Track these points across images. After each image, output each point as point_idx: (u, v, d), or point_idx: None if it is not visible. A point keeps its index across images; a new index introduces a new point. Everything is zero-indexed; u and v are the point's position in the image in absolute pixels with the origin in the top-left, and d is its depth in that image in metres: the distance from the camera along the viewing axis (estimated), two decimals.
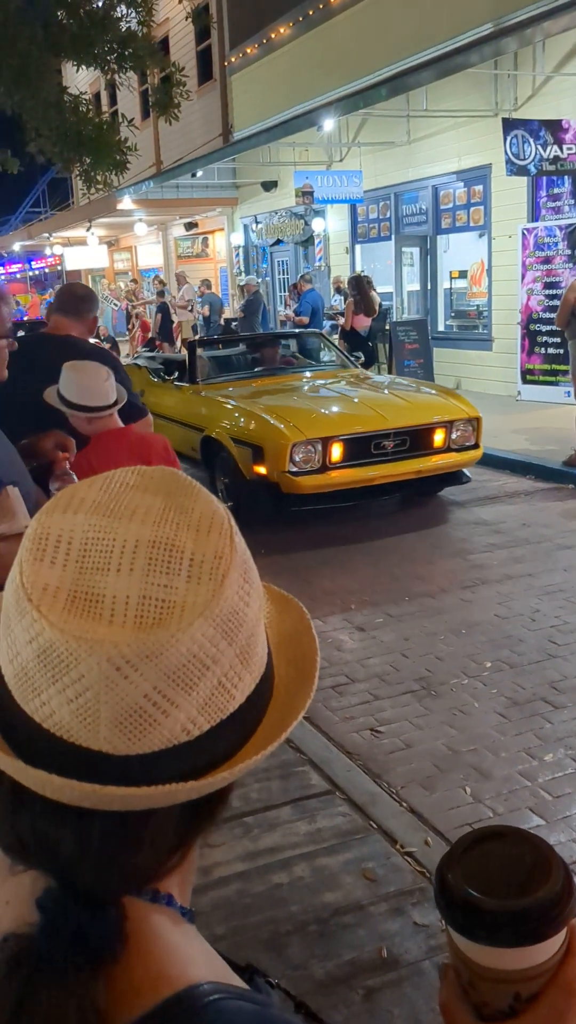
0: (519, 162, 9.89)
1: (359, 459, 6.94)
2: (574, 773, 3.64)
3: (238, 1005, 0.62)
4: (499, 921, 0.65)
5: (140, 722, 0.60)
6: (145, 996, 0.60)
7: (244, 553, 0.67)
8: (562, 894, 0.66)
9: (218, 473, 7.65)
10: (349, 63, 14.26)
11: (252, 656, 0.66)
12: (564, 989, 0.68)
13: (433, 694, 4.40)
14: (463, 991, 0.70)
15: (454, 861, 0.70)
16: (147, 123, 21.32)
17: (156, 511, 0.66)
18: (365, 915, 2.85)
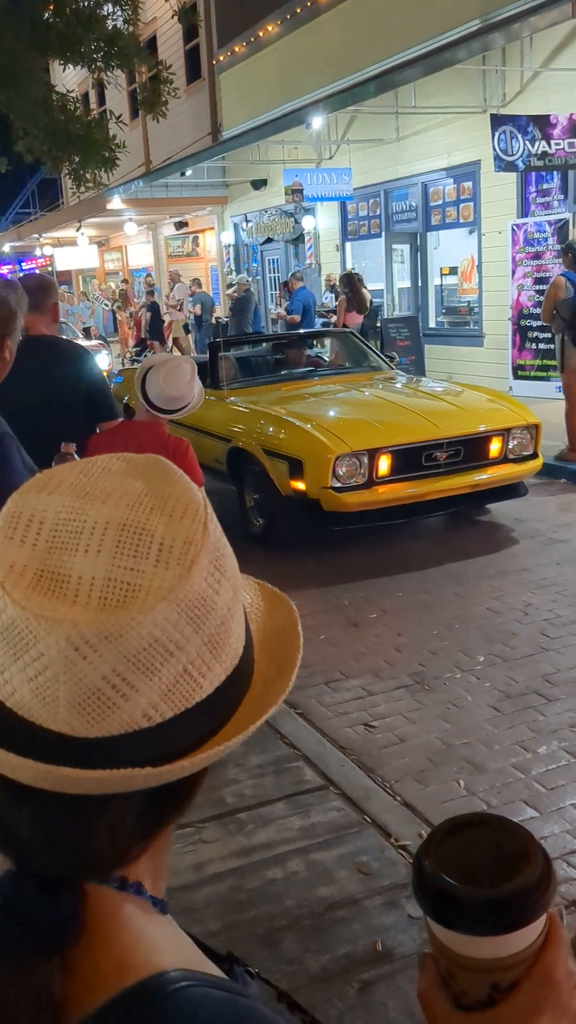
0: (507, 158, 9.89)
1: (409, 472, 6.27)
2: (567, 765, 3.65)
3: (206, 992, 0.61)
4: (476, 909, 0.64)
5: (99, 704, 0.59)
6: (110, 984, 0.60)
7: (218, 541, 0.66)
8: (540, 882, 0.65)
9: (247, 488, 7.01)
10: (337, 60, 14.26)
11: (223, 647, 0.64)
12: (543, 978, 0.67)
13: (426, 688, 4.40)
14: (442, 981, 0.69)
15: (431, 849, 0.69)
16: (136, 122, 21.29)
17: (131, 495, 0.65)
18: (359, 909, 2.84)
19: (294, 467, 6.22)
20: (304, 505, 6.22)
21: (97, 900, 0.64)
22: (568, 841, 3.17)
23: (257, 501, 6.88)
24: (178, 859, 3.11)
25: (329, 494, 6.04)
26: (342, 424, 6.41)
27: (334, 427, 6.31)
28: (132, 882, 0.66)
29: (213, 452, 7.26)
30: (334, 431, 6.23)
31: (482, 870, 0.66)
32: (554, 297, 8.29)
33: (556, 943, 0.68)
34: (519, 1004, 0.66)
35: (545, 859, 0.67)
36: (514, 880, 0.65)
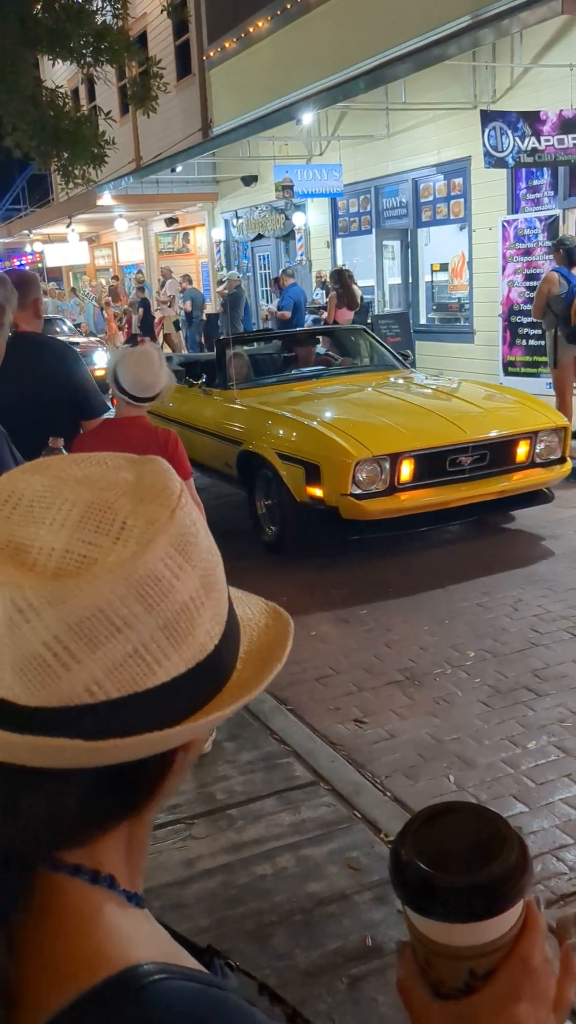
0: (497, 154, 9.89)
1: (432, 478, 5.97)
2: (557, 760, 3.66)
3: (182, 985, 0.60)
4: (452, 896, 0.65)
5: (40, 672, 0.59)
6: (82, 978, 0.59)
7: (187, 528, 0.65)
8: (516, 868, 0.65)
9: (259, 493, 6.68)
10: (327, 56, 14.23)
11: (184, 638, 0.63)
12: (519, 964, 0.67)
13: (417, 684, 4.40)
14: (420, 969, 0.69)
15: (408, 838, 0.69)
16: (126, 118, 21.22)
17: (109, 480, 0.66)
18: (349, 904, 2.85)
19: (311, 472, 5.92)
20: (321, 513, 5.95)
21: (68, 892, 0.63)
22: (557, 836, 3.18)
23: (269, 507, 6.58)
24: (168, 855, 3.11)
25: (348, 501, 5.73)
26: (362, 427, 6.05)
27: (354, 430, 5.96)
28: (104, 875, 0.65)
29: (222, 456, 6.96)
30: (354, 434, 5.88)
31: (458, 858, 0.66)
32: (547, 293, 8.30)
33: (533, 930, 0.68)
34: (497, 991, 0.67)
35: (521, 846, 0.67)
36: (490, 867, 0.65)
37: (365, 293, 13.39)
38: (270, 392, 7.22)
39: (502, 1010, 0.66)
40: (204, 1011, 0.59)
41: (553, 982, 0.69)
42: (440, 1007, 0.68)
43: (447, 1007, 0.68)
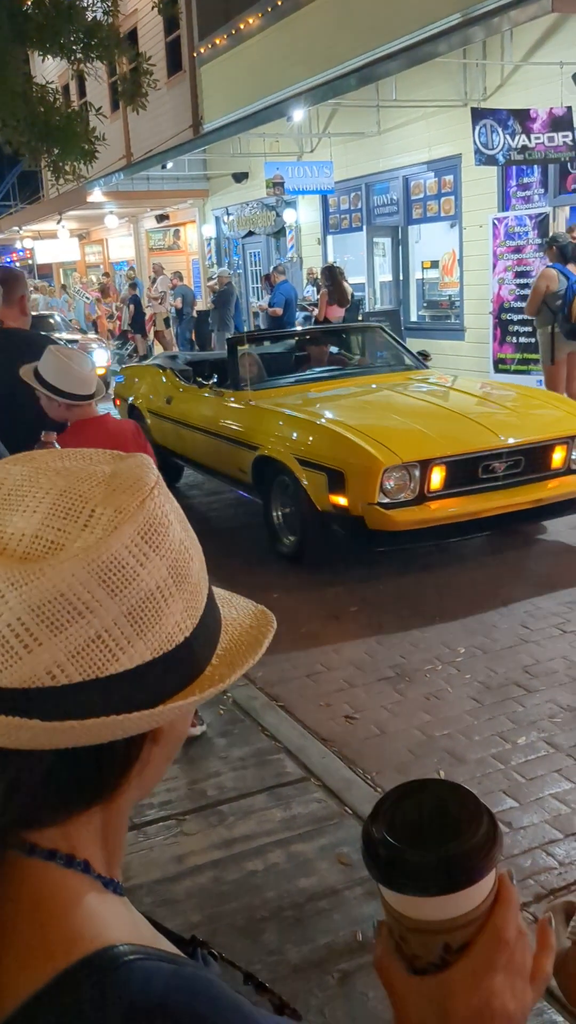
0: (488, 152, 9.91)
1: (464, 486, 5.57)
2: (546, 756, 3.67)
3: (156, 965, 0.61)
4: (423, 870, 0.65)
5: (3, 653, 0.60)
6: (57, 958, 0.60)
7: (157, 518, 0.66)
8: (485, 842, 0.66)
9: (276, 501, 6.31)
10: (318, 53, 14.23)
11: (150, 627, 0.64)
12: (493, 937, 0.67)
13: (407, 680, 4.42)
14: (396, 946, 0.70)
15: (379, 815, 0.70)
16: (116, 115, 21.18)
17: (87, 472, 0.68)
18: (340, 900, 2.86)
19: (334, 480, 5.52)
20: (345, 523, 5.57)
21: (42, 876, 0.64)
22: (547, 831, 3.19)
23: (287, 516, 6.23)
24: (159, 851, 3.11)
25: (375, 511, 5.34)
26: (389, 431, 5.64)
27: (381, 435, 5.55)
28: (79, 860, 0.66)
29: (235, 461, 6.61)
30: (381, 439, 5.47)
31: (429, 833, 0.67)
32: (544, 289, 8.30)
33: (506, 903, 0.69)
34: (471, 964, 0.67)
35: (491, 820, 0.68)
36: (459, 840, 0.66)
37: (356, 290, 13.40)
38: (286, 393, 6.84)
39: (478, 982, 0.67)
40: (177, 988, 0.60)
41: (529, 954, 0.70)
42: (417, 982, 0.69)
43: (424, 982, 0.68)
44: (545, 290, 8.29)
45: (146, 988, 0.59)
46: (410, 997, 0.69)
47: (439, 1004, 0.68)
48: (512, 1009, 0.68)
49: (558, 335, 8.31)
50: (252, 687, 4.36)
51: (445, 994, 0.67)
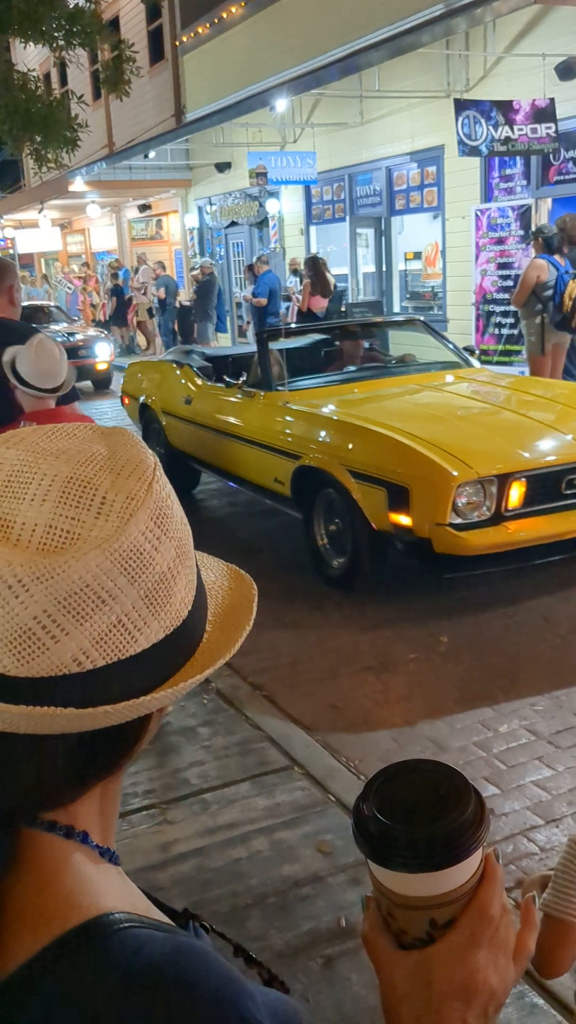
0: (471, 143, 9.91)
1: (545, 503, 4.87)
2: (527, 743, 3.71)
3: (150, 933, 0.64)
4: (412, 847, 0.67)
5: (30, 644, 0.61)
6: (55, 925, 0.62)
7: (163, 501, 0.68)
8: (473, 820, 0.68)
9: (320, 517, 5.56)
10: (301, 43, 14.18)
11: (163, 606, 0.66)
12: (478, 915, 0.69)
13: (391, 670, 4.44)
14: (383, 922, 0.72)
15: (370, 794, 0.71)
16: (98, 103, 21.05)
17: (85, 454, 0.68)
18: (323, 886, 2.88)
19: (396, 496, 4.80)
20: (408, 545, 4.88)
21: (44, 847, 0.67)
22: (528, 817, 3.22)
23: (335, 535, 5.48)
24: (143, 839, 3.12)
25: (445, 532, 4.64)
26: (460, 441, 4.94)
27: (451, 445, 4.85)
28: (79, 831, 0.68)
29: (270, 470, 5.90)
30: (453, 450, 4.78)
31: (418, 811, 0.69)
32: (535, 280, 8.32)
33: (492, 881, 0.70)
34: (457, 940, 0.69)
35: (478, 800, 0.70)
36: (447, 819, 0.68)
37: (339, 281, 13.40)
38: (327, 394, 6.08)
39: (462, 957, 0.69)
40: (170, 955, 0.62)
41: (513, 932, 0.72)
42: (403, 957, 0.70)
43: (410, 957, 0.70)
44: (536, 280, 8.31)
45: (140, 954, 0.61)
46: (396, 971, 0.71)
47: (424, 978, 0.69)
48: (495, 984, 0.69)
49: (548, 325, 8.34)
50: (236, 676, 4.37)
51: (430, 968, 0.69)
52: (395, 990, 0.71)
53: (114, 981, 0.60)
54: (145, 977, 0.60)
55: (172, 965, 0.61)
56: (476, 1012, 0.69)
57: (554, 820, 3.21)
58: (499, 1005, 0.70)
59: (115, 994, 0.59)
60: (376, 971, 0.73)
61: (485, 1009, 0.69)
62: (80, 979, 0.60)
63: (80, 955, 0.61)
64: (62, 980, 0.60)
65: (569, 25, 9.13)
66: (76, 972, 0.60)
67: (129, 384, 8.69)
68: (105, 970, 0.60)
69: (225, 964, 0.64)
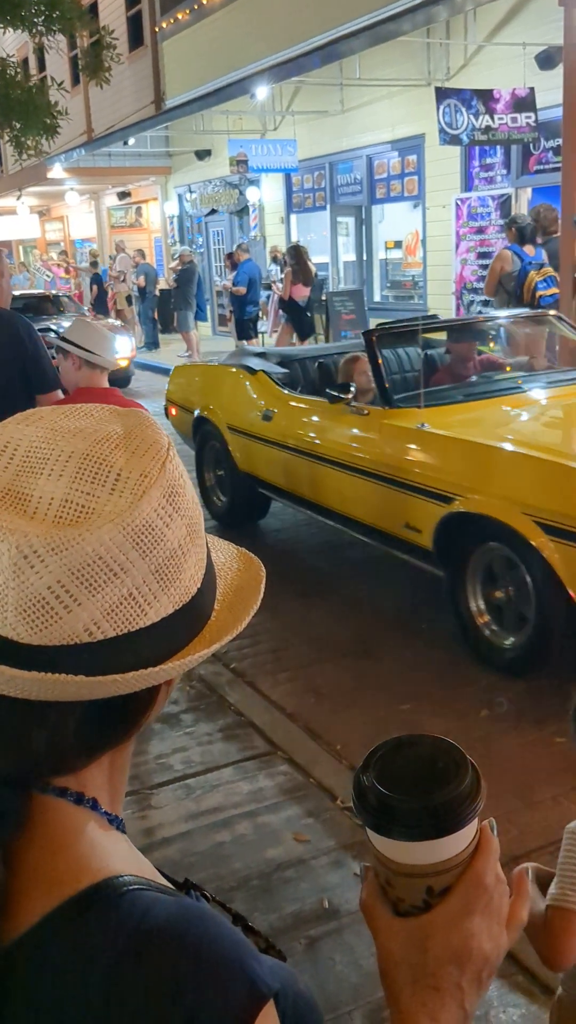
0: (452, 131, 9.92)
1: None
2: (507, 727, 3.75)
3: (156, 896, 0.66)
4: (410, 816, 0.70)
5: (43, 613, 0.64)
6: (67, 886, 0.65)
7: (176, 480, 0.70)
8: (470, 791, 0.71)
9: (476, 579, 4.27)
10: (282, 30, 14.13)
11: (172, 581, 0.68)
12: (473, 883, 0.72)
13: (372, 655, 4.47)
14: (381, 890, 0.75)
15: (369, 766, 0.74)
16: (77, 90, 20.89)
17: (102, 433, 0.70)
18: (306, 869, 2.91)
19: None
20: None
21: (56, 812, 0.69)
22: (508, 800, 3.27)
23: (502, 605, 4.19)
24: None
25: None
26: None
27: None
28: (89, 798, 0.71)
29: (400, 512, 4.57)
30: None
31: (417, 783, 0.71)
32: (499, 270, 8.37)
33: (486, 851, 0.73)
34: (452, 907, 0.72)
35: (475, 772, 0.73)
36: (445, 790, 0.70)
37: (320, 270, 13.40)
38: (471, 412, 4.76)
39: (457, 924, 0.72)
40: (177, 916, 0.65)
41: (506, 901, 0.75)
42: (400, 924, 0.73)
43: (406, 923, 0.73)
44: (500, 271, 8.36)
45: (149, 915, 0.64)
46: (393, 937, 0.74)
47: (420, 944, 0.72)
48: (488, 949, 0.72)
49: None
50: (218, 663, 4.39)
51: (426, 934, 0.72)
52: (392, 956, 0.73)
53: (123, 941, 0.62)
54: (154, 937, 0.62)
55: (180, 926, 0.64)
56: (470, 977, 0.72)
57: (535, 804, 3.25)
58: (492, 970, 0.73)
59: (124, 954, 0.62)
60: (374, 938, 0.75)
61: (479, 974, 0.72)
62: (90, 939, 0.62)
63: (90, 916, 0.63)
64: (73, 940, 0.63)
65: (549, 14, 9.13)
66: (86, 932, 0.63)
67: (177, 392, 7.19)
68: (115, 930, 0.63)
69: (230, 928, 0.67)
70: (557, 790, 3.31)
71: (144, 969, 0.61)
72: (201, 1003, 0.61)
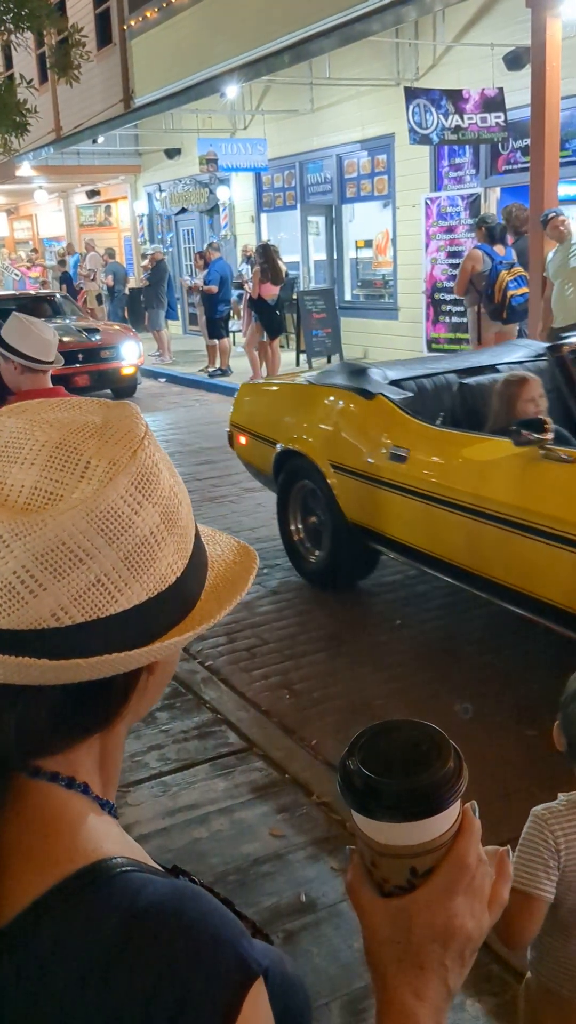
0: (421, 131, 9.98)
1: None
2: (475, 717, 3.79)
3: (148, 877, 0.68)
4: (394, 798, 0.72)
5: (10, 598, 0.65)
6: (60, 867, 0.66)
7: (149, 468, 0.71)
8: (452, 774, 0.73)
9: None
10: (251, 29, 14.13)
11: (145, 569, 0.69)
12: (456, 864, 0.74)
13: (345, 652, 4.50)
14: (366, 871, 0.77)
15: (355, 750, 0.76)
16: (45, 87, 20.76)
17: (79, 423, 0.72)
18: (283, 863, 2.93)
19: None
20: None
21: (48, 796, 0.70)
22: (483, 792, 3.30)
23: None
24: None
25: None
26: None
27: None
28: (79, 782, 0.72)
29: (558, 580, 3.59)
30: None
31: (401, 766, 0.73)
32: (470, 270, 8.44)
33: (469, 832, 0.75)
34: (435, 887, 0.74)
35: (457, 755, 0.75)
36: (428, 772, 0.73)
37: (290, 269, 13.41)
38: None
39: (440, 903, 0.74)
40: (170, 896, 0.66)
41: (488, 881, 0.77)
42: (384, 904, 0.75)
43: (391, 903, 0.75)
44: (471, 270, 8.43)
45: (141, 895, 0.65)
46: (378, 918, 0.76)
47: (405, 923, 0.74)
48: (471, 928, 0.75)
49: (484, 316, 8.46)
50: (193, 662, 4.40)
51: (410, 914, 0.74)
52: (377, 935, 0.75)
53: (116, 921, 0.63)
54: (146, 916, 0.64)
55: (172, 906, 0.65)
56: (453, 955, 0.74)
57: (505, 795, 3.29)
58: (475, 949, 0.75)
59: (117, 933, 0.63)
60: (359, 918, 0.77)
61: (462, 952, 0.74)
62: (83, 919, 0.64)
63: (83, 896, 0.65)
64: (65, 920, 0.64)
65: (517, 15, 9.22)
66: (79, 913, 0.64)
67: (248, 417, 5.80)
68: (108, 910, 0.64)
69: (223, 909, 0.68)
70: (530, 782, 3.36)
71: (137, 947, 0.63)
72: (193, 980, 0.62)
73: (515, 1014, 2.35)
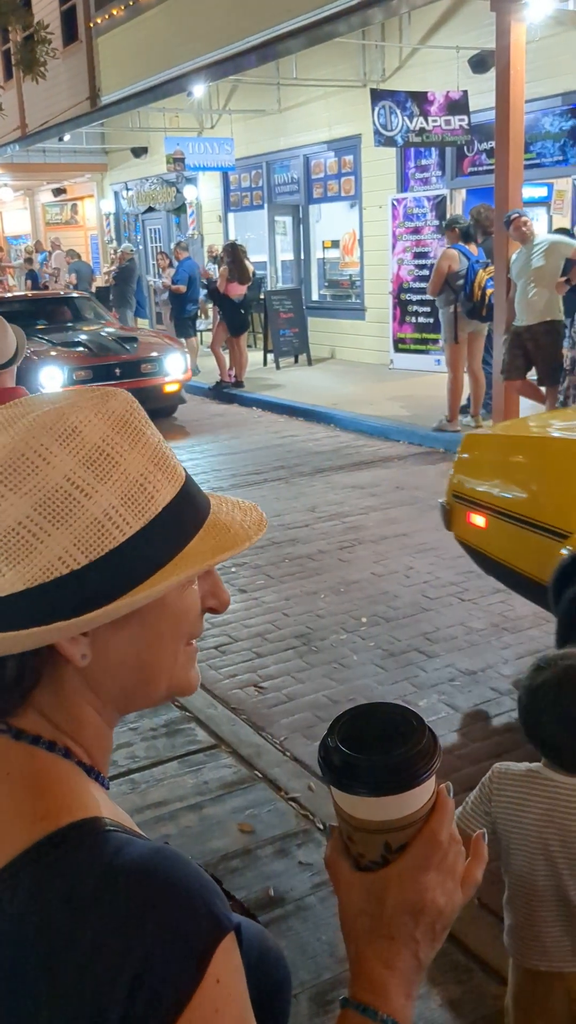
0: (387, 133, 10.04)
1: None
2: (446, 716, 3.83)
3: (130, 838, 0.71)
4: (371, 772, 0.75)
5: None
6: (48, 822, 0.69)
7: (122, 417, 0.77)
8: (426, 751, 0.76)
9: None
10: (219, 28, 14.12)
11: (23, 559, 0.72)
12: (428, 841, 0.77)
13: (313, 649, 4.53)
14: (344, 847, 0.80)
15: (334, 730, 0.79)
16: (10, 84, 20.63)
17: (71, 400, 0.78)
18: (252, 858, 2.95)
19: None
20: None
21: (36, 758, 0.74)
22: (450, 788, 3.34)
23: None
24: None
25: None
26: None
27: None
28: (60, 746, 0.76)
29: None
30: None
31: (378, 744, 0.76)
32: (446, 269, 8.49)
33: (442, 810, 0.79)
34: (409, 863, 0.77)
35: (431, 735, 0.78)
36: (402, 749, 0.76)
37: (258, 268, 13.41)
38: None
39: (413, 878, 0.77)
40: (150, 855, 0.69)
41: (461, 860, 0.80)
42: (360, 878, 0.79)
43: (366, 877, 0.79)
44: (447, 270, 8.49)
45: (123, 852, 0.68)
46: (354, 890, 0.79)
47: (378, 896, 0.77)
48: (442, 904, 0.78)
49: (461, 314, 8.53)
50: None
51: (384, 888, 0.77)
52: (352, 907, 0.79)
53: (97, 874, 0.66)
54: (127, 872, 0.67)
55: (151, 863, 0.68)
56: (424, 928, 0.77)
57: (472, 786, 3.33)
58: (446, 924, 0.79)
59: (97, 886, 0.66)
60: (335, 891, 0.81)
61: (432, 926, 0.78)
62: (65, 871, 0.67)
63: (67, 849, 0.68)
64: (48, 872, 0.67)
65: (482, 18, 9.30)
66: (61, 865, 0.67)
67: (489, 487, 3.85)
68: (89, 864, 0.67)
69: (201, 871, 0.71)
70: None
71: (112, 899, 0.65)
72: (163, 932, 0.65)
73: (482, 1004, 2.39)
